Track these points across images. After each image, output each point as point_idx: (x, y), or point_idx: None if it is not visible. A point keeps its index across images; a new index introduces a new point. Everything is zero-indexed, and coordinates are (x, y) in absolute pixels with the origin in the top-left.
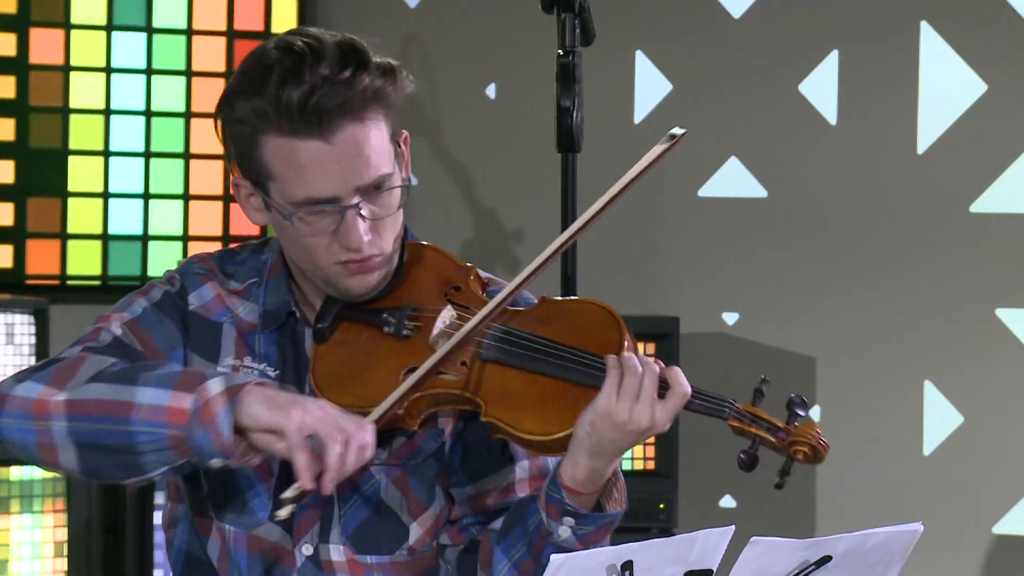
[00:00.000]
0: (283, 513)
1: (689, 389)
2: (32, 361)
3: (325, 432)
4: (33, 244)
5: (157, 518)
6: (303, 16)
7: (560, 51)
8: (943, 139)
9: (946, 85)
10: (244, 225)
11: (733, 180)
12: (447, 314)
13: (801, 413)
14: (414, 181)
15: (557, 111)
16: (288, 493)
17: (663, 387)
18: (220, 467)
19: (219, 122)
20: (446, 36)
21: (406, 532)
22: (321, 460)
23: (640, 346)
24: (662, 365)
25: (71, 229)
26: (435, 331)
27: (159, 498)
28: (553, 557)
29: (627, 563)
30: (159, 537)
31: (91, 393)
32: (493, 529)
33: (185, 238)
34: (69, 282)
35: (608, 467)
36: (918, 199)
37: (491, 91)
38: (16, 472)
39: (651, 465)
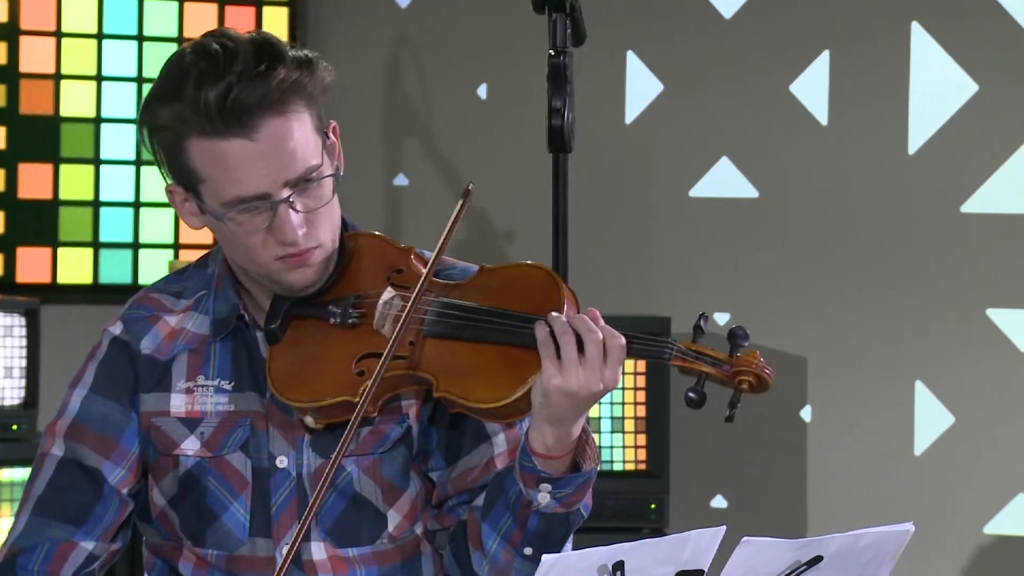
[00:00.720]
0: None
1: (624, 342)
2: (24, 359)
3: None
4: (24, 209)
5: None
6: (294, 14)
7: (551, 51)
8: (934, 139)
9: (937, 85)
10: None
11: (724, 180)
12: (387, 295)
13: (744, 344)
14: (405, 181)
15: (548, 111)
16: None
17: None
18: None
19: (144, 131)
20: (437, 37)
21: (384, 520)
22: None
23: None
24: (599, 322)
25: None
26: (377, 314)
27: None
28: (545, 557)
29: (618, 563)
30: None
31: None
32: (477, 506)
33: None
34: (60, 247)
35: (575, 428)
36: (909, 199)
37: (482, 91)
38: (7, 473)
39: (642, 465)
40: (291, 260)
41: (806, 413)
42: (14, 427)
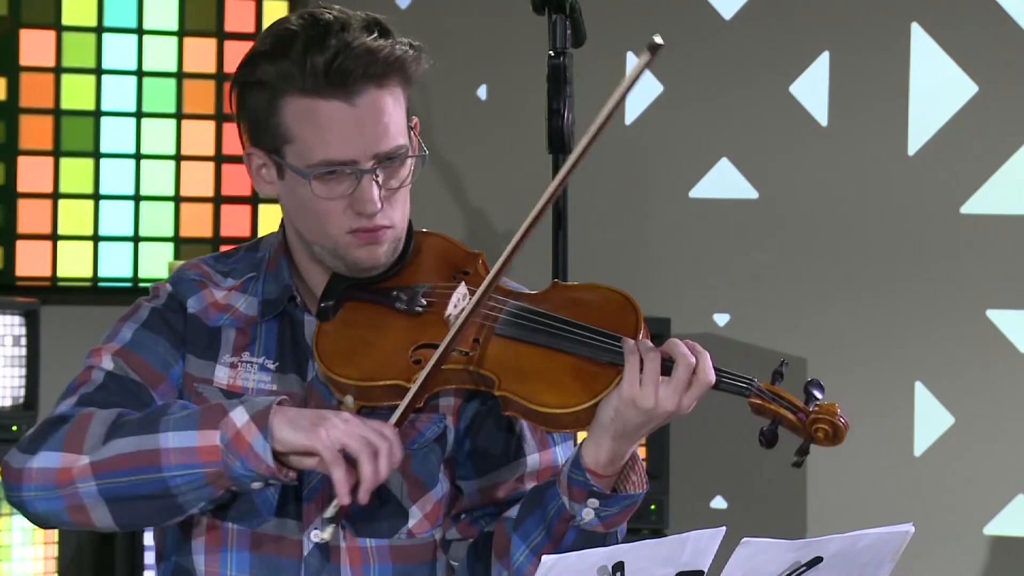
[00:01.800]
0: (327, 535)
1: (713, 378)
2: (23, 360)
3: (356, 446)
4: (24, 203)
5: None
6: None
7: (551, 52)
8: (934, 140)
9: (937, 86)
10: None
11: (724, 181)
12: (462, 290)
13: (818, 395)
14: None
15: (548, 112)
16: (329, 512)
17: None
18: (260, 489)
19: (236, 90)
20: (437, 37)
21: (405, 515)
22: (354, 473)
23: None
24: (697, 350)
25: (63, 189)
26: (450, 308)
27: None
28: (544, 558)
29: (618, 564)
30: (149, 539)
31: (115, 450)
32: (508, 518)
33: (177, 199)
34: (60, 241)
35: (630, 449)
36: (909, 200)
37: (482, 92)
38: None
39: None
40: (363, 235)
41: None
42: (13, 428)
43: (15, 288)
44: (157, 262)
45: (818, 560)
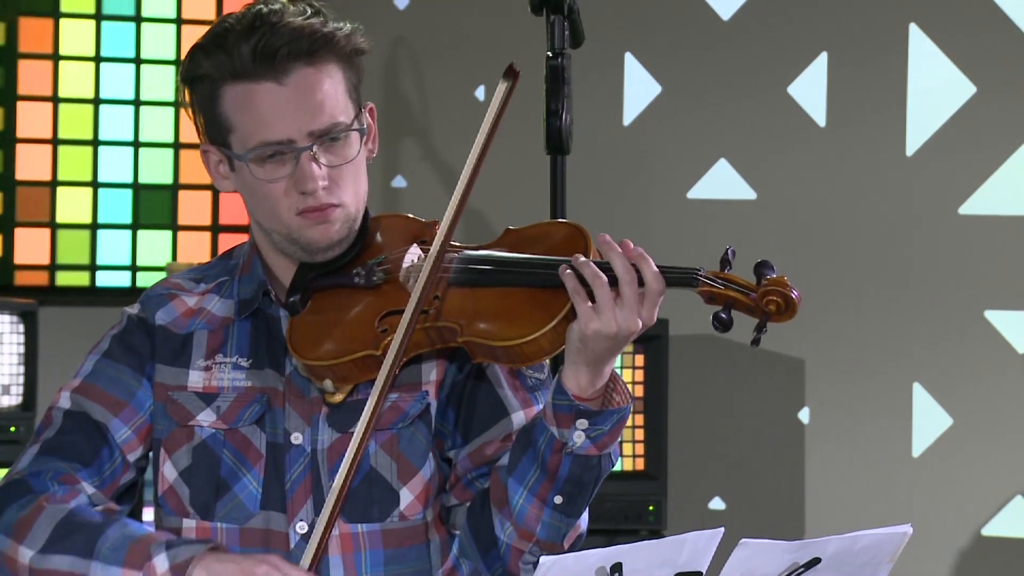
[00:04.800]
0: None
1: (662, 284)
2: (22, 361)
3: None
4: (23, 192)
5: (148, 515)
6: None
7: (549, 53)
8: (932, 141)
9: (935, 87)
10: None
11: (722, 182)
12: (414, 251)
13: (770, 275)
14: (403, 183)
15: (546, 113)
16: None
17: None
18: None
19: (184, 85)
20: (435, 38)
21: (396, 498)
22: None
23: (629, 349)
24: (636, 259)
25: (62, 176)
26: (403, 269)
27: (149, 493)
28: (543, 559)
29: (616, 565)
30: None
31: (53, 564)
32: (501, 466)
33: (176, 187)
34: (59, 229)
35: (607, 368)
36: (907, 201)
37: (480, 93)
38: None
39: (640, 467)
40: (311, 215)
41: (804, 415)
42: (12, 429)
43: (13, 288)
44: (156, 251)
45: (816, 561)
